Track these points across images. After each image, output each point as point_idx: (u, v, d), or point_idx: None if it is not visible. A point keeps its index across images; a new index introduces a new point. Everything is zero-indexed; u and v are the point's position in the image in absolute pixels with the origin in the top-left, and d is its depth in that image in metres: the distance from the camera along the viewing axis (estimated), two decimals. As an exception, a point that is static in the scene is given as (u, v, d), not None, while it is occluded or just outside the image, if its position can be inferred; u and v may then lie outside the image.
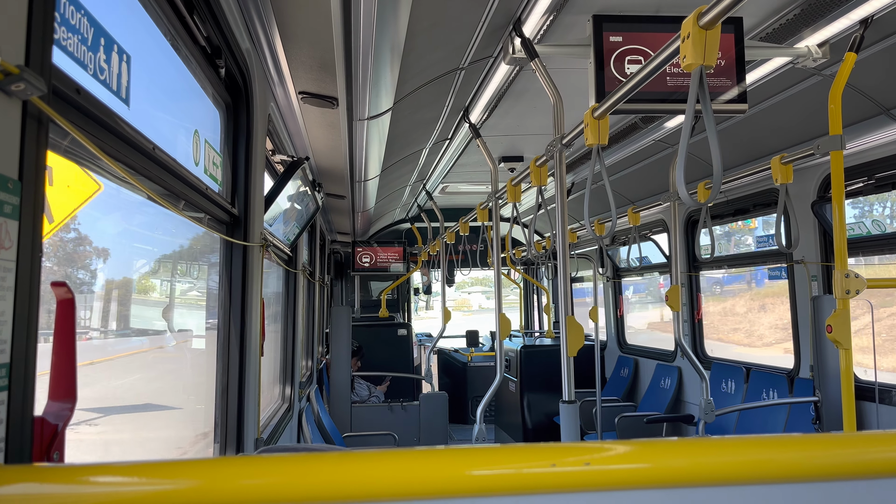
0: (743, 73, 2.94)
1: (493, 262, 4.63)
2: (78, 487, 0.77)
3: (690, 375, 6.44)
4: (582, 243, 8.60)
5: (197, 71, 2.23)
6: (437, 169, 6.34)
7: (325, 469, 0.77)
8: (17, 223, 0.90)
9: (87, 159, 1.46)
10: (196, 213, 2.23)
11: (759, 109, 4.18)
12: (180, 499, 0.77)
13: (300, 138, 4.13)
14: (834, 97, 2.76)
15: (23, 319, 0.91)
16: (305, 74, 3.01)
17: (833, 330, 2.74)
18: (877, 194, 4.18)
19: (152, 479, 0.78)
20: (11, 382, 0.89)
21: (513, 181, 4.09)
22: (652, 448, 0.79)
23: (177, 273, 2.92)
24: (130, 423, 2.49)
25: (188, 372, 3.07)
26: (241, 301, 2.57)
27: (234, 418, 2.51)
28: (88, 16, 1.31)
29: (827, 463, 0.80)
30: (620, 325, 8.17)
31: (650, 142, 4.99)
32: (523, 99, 4.33)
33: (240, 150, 2.65)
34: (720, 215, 5.66)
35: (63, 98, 1.16)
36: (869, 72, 3.38)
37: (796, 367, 4.93)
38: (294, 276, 5.11)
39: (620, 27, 2.95)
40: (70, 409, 1.00)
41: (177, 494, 0.76)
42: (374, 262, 9.58)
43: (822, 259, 4.60)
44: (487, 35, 3.17)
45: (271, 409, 4.32)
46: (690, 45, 1.76)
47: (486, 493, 0.75)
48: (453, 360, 10.45)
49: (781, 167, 3.42)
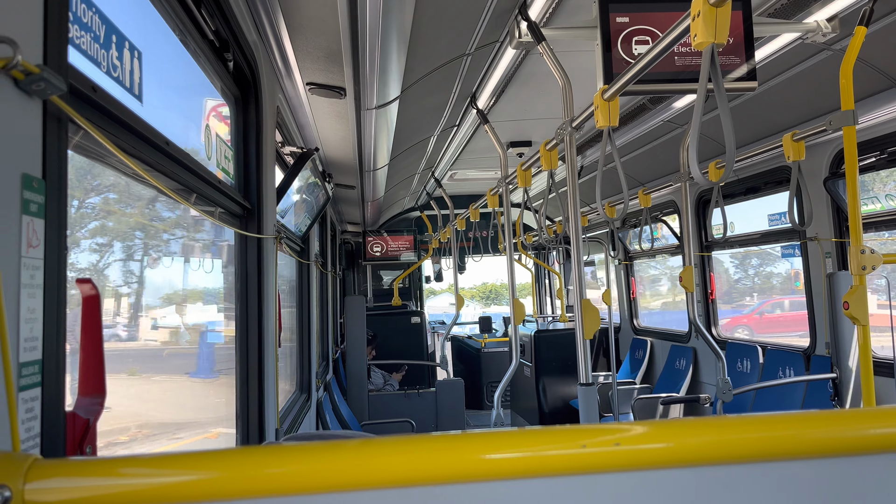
0: (752, 51, 2.91)
1: (504, 248, 4.62)
2: (111, 480, 0.79)
3: (705, 356, 6.43)
4: (592, 227, 8.58)
5: (206, 65, 2.24)
6: (445, 156, 6.33)
7: (345, 456, 0.78)
8: (42, 221, 0.91)
9: (103, 156, 1.47)
10: (209, 206, 2.24)
11: (769, 86, 4.14)
12: (207, 488, 0.78)
13: (309, 129, 4.13)
14: (845, 72, 2.73)
15: (52, 316, 0.93)
16: (313, 65, 3.01)
17: (850, 306, 2.73)
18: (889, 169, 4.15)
19: (180, 469, 0.80)
20: (44, 378, 0.90)
21: (523, 166, 4.09)
22: (678, 427, 0.80)
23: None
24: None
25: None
26: (257, 293, 2.59)
27: (255, 409, 2.54)
28: (100, 13, 1.32)
29: (848, 437, 0.81)
30: (634, 308, 8.16)
31: (659, 122, 4.96)
32: (530, 83, 4.31)
33: (250, 142, 2.66)
34: (732, 194, 5.63)
35: (79, 96, 1.17)
36: (879, 45, 3.34)
37: (812, 345, 4.91)
38: (307, 267, 5.13)
39: (627, 8, 2.93)
40: (100, 404, 1.02)
41: (204, 483, 0.78)
42: (386, 251, 9.60)
43: (835, 236, 4.57)
44: (493, 19, 3.16)
45: (290, 399, 4.35)
46: (701, 23, 1.74)
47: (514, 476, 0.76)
48: (467, 347, 10.48)
49: (793, 144, 3.40)
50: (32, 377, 0.89)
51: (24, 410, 0.87)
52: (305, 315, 5.11)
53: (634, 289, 8.17)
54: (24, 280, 0.88)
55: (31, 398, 0.89)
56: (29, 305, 0.88)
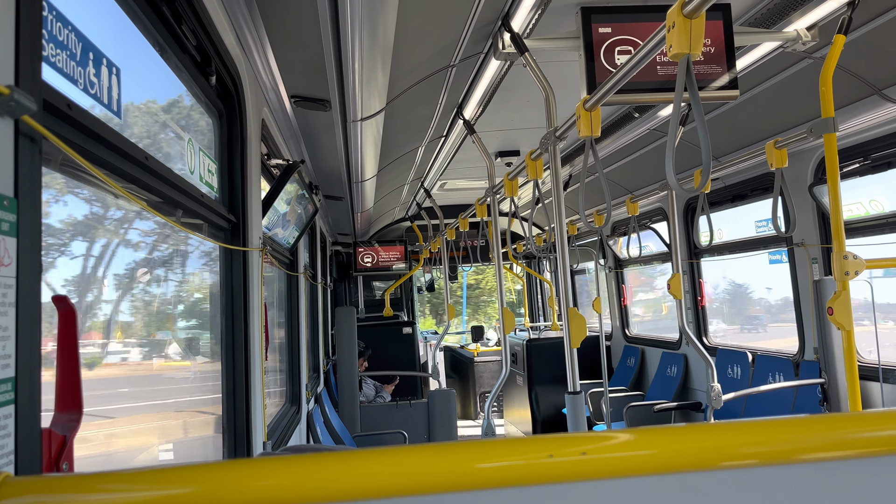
0: (733, 60, 2.95)
1: (494, 258, 4.64)
2: (88, 496, 0.78)
3: (696, 363, 6.45)
4: (582, 235, 8.61)
5: (188, 80, 2.25)
6: (434, 166, 6.35)
7: (333, 467, 0.78)
8: (15, 240, 0.91)
9: (81, 172, 1.47)
10: (193, 220, 2.25)
11: (751, 95, 4.18)
12: (188, 502, 0.78)
13: (295, 142, 4.15)
14: (825, 80, 2.76)
15: (26, 334, 0.93)
16: (297, 78, 3.03)
17: (834, 312, 2.75)
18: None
19: (160, 484, 0.79)
20: (18, 396, 0.90)
21: (509, 175, 4.10)
22: (649, 435, 0.81)
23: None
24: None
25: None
26: (242, 306, 2.59)
27: (241, 422, 2.53)
28: (76, 31, 1.33)
29: (833, 442, 0.81)
30: (624, 315, 8.18)
31: (645, 131, 5.00)
32: (516, 93, 4.34)
33: (235, 156, 2.67)
34: (718, 202, 5.66)
35: (54, 114, 1.17)
36: (859, 53, 3.38)
37: (800, 351, 4.94)
38: (296, 279, 5.12)
39: (608, 18, 2.96)
40: (77, 420, 1.02)
41: (184, 498, 0.77)
42: (376, 262, 9.59)
43: (822, 242, 4.60)
44: (476, 31, 3.18)
45: (279, 413, 4.34)
46: (676, 35, 1.76)
47: (490, 485, 0.76)
48: (459, 356, 10.48)
49: (776, 151, 3.43)
50: (5, 395, 0.89)
51: None
52: (295, 327, 5.10)
53: (625, 296, 8.19)
54: (-4, 298, 0.88)
55: (3, 416, 0.89)
56: (1, 324, 0.88)
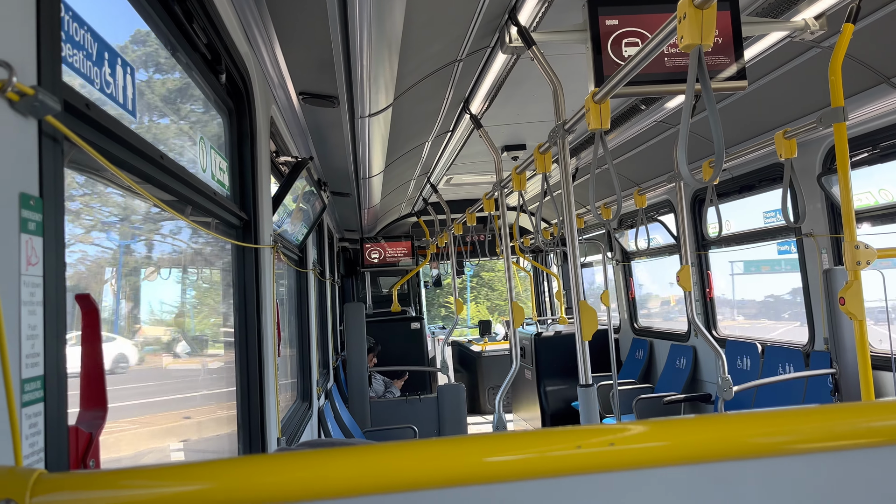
0: (741, 50, 2.93)
1: (502, 252, 4.64)
2: (114, 492, 0.80)
3: (705, 354, 6.45)
4: (589, 228, 8.59)
5: (198, 78, 2.26)
6: (440, 161, 6.35)
7: (346, 462, 0.79)
8: (41, 239, 0.92)
9: (99, 171, 1.48)
10: (205, 218, 2.26)
11: (759, 85, 4.16)
12: (208, 497, 0.79)
13: (303, 139, 4.15)
14: (834, 69, 2.75)
15: (52, 332, 0.94)
16: (305, 75, 3.03)
17: (846, 302, 2.74)
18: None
19: (181, 480, 0.80)
20: (46, 393, 0.91)
21: (517, 169, 4.10)
22: (675, 426, 0.81)
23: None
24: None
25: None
26: (255, 304, 2.60)
27: (256, 419, 2.55)
28: (92, 31, 1.34)
29: (846, 431, 0.82)
30: (633, 308, 8.17)
31: (652, 123, 4.99)
32: (523, 87, 4.33)
33: (245, 153, 2.68)
34: (726, 193, 5.65)
35: (74, 113, 1.18)
36: (867, 41, 3.37)
37: (811, 341, 4.93)
38: (304, 276, 5.14)
39: (616, 10, 2.94)
40: (102, 418, 1.03)
41: (205, 493, 0.79)
42: (384, 258, 9.61)
43: (831, 232, 4.59)
44: (483, 25, 3.18)
45: (291, 408, 4.36)
46: (687, 26, 1.76)
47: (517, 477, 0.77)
48: (467, 351, 10.48)
49: (785, 142, 3.42)
50: (35, 393, 0.90)
51: (28, 426, 0.88)
52: (305, 323, 5.12)
53: (633, 289, 8.18)
54: (25, 297, 0.89)
55: (34, 413, 0.90)
56: (30, 322, 0.89)
